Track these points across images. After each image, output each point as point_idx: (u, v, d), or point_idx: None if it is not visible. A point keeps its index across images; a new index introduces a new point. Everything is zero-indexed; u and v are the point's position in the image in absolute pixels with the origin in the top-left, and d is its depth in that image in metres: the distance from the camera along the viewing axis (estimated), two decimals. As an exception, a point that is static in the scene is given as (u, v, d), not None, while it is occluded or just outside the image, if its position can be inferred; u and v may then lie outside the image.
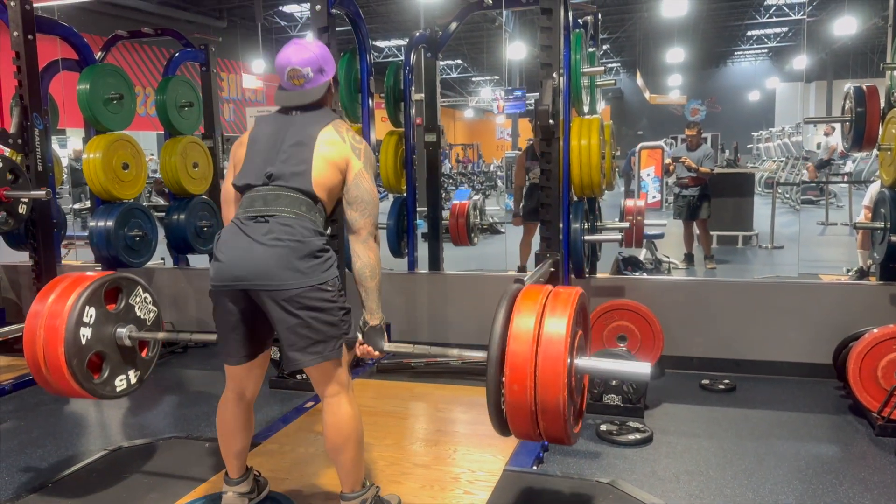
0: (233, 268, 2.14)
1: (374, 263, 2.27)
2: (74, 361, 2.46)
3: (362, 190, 2.25)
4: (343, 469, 2.26)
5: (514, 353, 2.04)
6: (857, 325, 3.73)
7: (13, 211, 4.11)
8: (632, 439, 3.23)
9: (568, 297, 2.15)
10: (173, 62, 5.40)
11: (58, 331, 2.47)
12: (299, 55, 2.27)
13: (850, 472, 2.92)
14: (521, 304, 2.14)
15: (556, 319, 2.07)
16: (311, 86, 2.29)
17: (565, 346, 2.02)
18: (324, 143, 2.23)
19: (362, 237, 2.26)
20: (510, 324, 2.09)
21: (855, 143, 4.28)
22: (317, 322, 2.12)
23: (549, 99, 3.28)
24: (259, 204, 2.19)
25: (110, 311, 2.63)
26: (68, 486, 2.83)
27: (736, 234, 9.01)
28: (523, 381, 2.01)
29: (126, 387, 2.66)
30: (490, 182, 17.74)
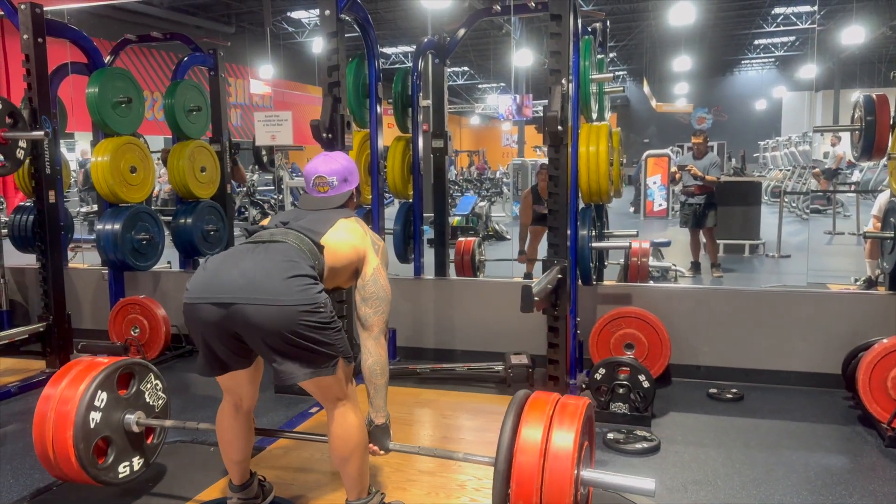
0: (216, 279, 2.06)
1: (384, 361, 2.28)
2: (81, 445, 2.45)
3: (379, 287, 2.27)
4: (349, 478, 2.25)
5: (521, 466, 2.01)
6: (866, 335, 3.71)
7: (11, 154, 4.06)
8: (639, 448, 3.21)
9: (575, 409, 2.12)
10: (182, 66, 5.41)
11: (68, 414, 2.47)
12: (327, 165, 2.39)
13: (859, 483, 2.89)
14: (528, 414, 2.10)
15: (564, 433, 2.03)
16: (335, 193, 2.38)
17: (572, 462, 1.99)
18: (344, 228, 2.28)
19: (374, 334, 2.26)
20: (518, 435, 2.06)
21: (864, 152, 4.26)
22: (312, 343, 2.03)
23: (558, 105, 3.26)
24: (265, 236, 2.19)
25: (121, 396, 2.64)
26: (73, 490, 2.82)
27: (743, 242, 8.97)
28: (529, 499, 1.97)
29: (128, 473, 2.63)
30: (496, 189, 17.72)
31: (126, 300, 4.71)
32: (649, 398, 3.54)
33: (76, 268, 5.72)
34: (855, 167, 15.10)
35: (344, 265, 2.24)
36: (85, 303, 5.33)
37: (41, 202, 4.33)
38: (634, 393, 3.53)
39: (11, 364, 4.48)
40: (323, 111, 3.83)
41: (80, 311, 5.21)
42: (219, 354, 2.17)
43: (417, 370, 4.23)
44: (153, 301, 4.69)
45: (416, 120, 4.90)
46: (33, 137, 4.12)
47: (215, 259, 2.14)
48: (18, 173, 5.35)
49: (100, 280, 5.21)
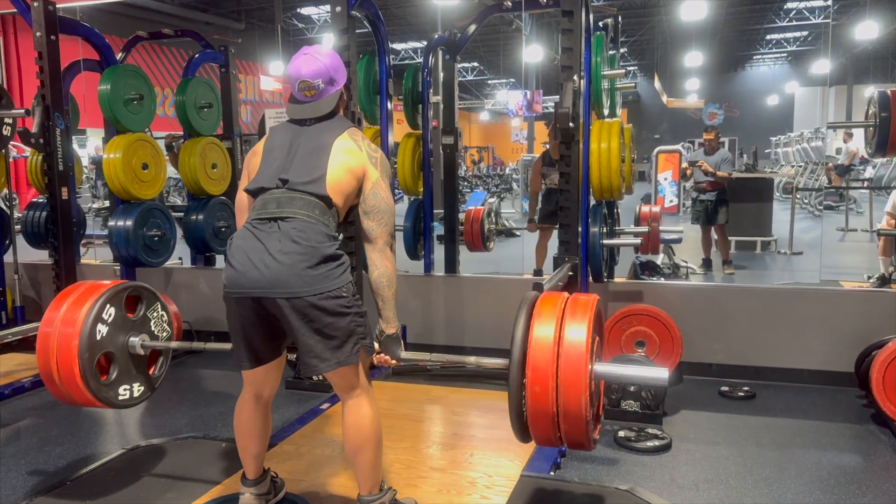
0: (246, 276, 2.11)
1: (391, 272, 2.26)
2: (86, 355, 2.44)
3: (379, 199, 2.25)
4: (361, 471, 2.25)
5: (535, 357, 2.04)
6: (880, 334, 3.68)
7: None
8: (650, 446, 3.20)
9: (586, 303, 2.16)
10: (193, 63, 5.42)
11: (76, 322, 2.47)
12: (309, 66, 2.24)
13: (873, 482, 2.87)
14: (540, 309, 2.14)
15: (577, 324, 2.08)
16: (323, 97, 2.29)
17: (587, 350, 2.03)
18: (340, 151, 2.23)
19: (378, 246, 2.26)
20: (531, 329, 2.08)
21: (879, 148, 4.21)
22: (332, 328, 2.10)
23: (570, 101, 3.25)
24: (272, 206, 2.17)
25: (128, 317, 2.64)
26: (86, 485, 2.84)
27: (755, 239, 8.92)
28: (545, 384, 2.01)
29: (128, 398, 2.62)
30: (506, 185, 17.70)
31: (138, 296, 4.72)
32: (661, 396, 3.52)
33: (88, 264, 5.75)
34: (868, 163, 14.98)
35: (349, 193, 2.24)
36: (97, 299, 5.35)
37: (54, 199, 4.34)
38: (646, 391, 3.51)
39: (24, 360, 4.51)
40: (334, 108, 3.83)
41: (92, 307, 5.23)
42: (255, 343, 2.23)
43: (427, 367, 4.22)
44: (165, 297, 4.69)
45: (426, 116, 4.88)
46: (13, 115, 4.01)
47: (238, 249, 2.16)
48: (31, 169, 5.40)
49: (112, 276, 5.23)
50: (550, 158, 6.26)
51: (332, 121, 2.30)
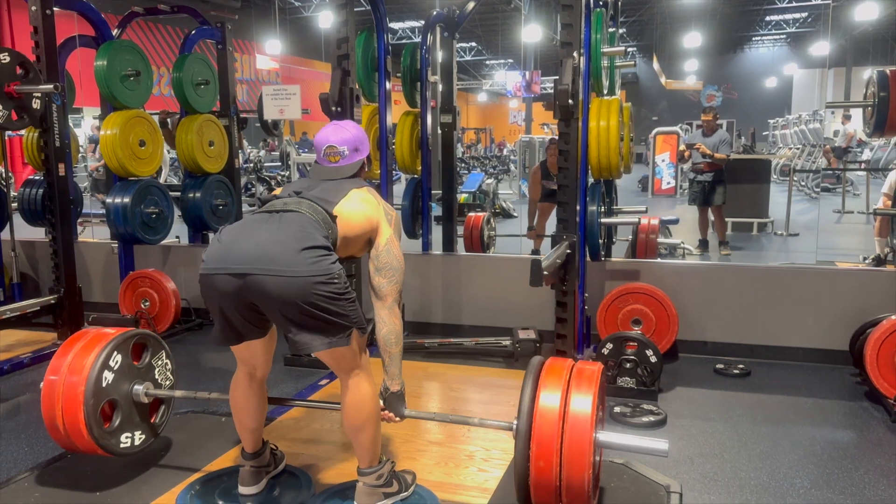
0: (233, 249, 2.06)
1: (399, 330, 2.29)
2: (91, 402, 2.46)
3: (392, 257, 2.27)
4: (361, 447, 2.27)
5: (541, 429, 2.05)
6: (874, 312, 3.71)
7: (27, 106, 4.03)
8: (646, 421, 3.23)
9: (592, 374, 2.17)
10: (189, 40, 5.39)
11: (83, 369, 2.50)
12: (337, 135, 2.37)
13: (865, 457, 2.91)
14: (546, 379, 2.14)
15: (582, 397, 2.09)
16: (347, 163, 2.37)
17: (591, 426, 2.03)
18: (357, 199, 2.27)
19: (388, 304, 2.26)
20: (536, 399, 2.10)
21: (877, 128, 4.21)
22: (326, 313, 2.05)
23: (569, 78, 3.24)
24: (278, 205, 2.18)
25: (134, 365, 2.67)
26: (87, 459, 2.84)
27: (751, 220, 8.95)
28: (549, 459, 2.02)
29: (129, 445, 2.63)
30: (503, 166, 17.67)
31: (136, 273, 4.74)
32: (656, 373, 3.55)
33: (86, 241, 5.75)
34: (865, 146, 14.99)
35: (357, 235, 2.24)
36: (95, 276, 5.37)
37: (50, 175, 4.34)
38: (642, 368, 3.55)
39: (23, 336, 4.52)
40: (332, 84, 3.82)
41: (90, 285, 5.25)
42: (235, 324, 2.18)
43: (426, 344, 4.25)
44: (163, 274, 4.72)
45: (424, 95, 4.87)
46: (44, 90, 4.06)
47: (230, 230, 2.14)
48: (28, 147, 5.38)
49: (109, 254, 5.23)
50: (548, 171, 6.29)
51: (352, 179, 2.37)
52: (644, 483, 2.59)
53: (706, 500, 2.57)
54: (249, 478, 2.42)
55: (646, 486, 2.58)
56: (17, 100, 3.97)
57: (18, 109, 4.00)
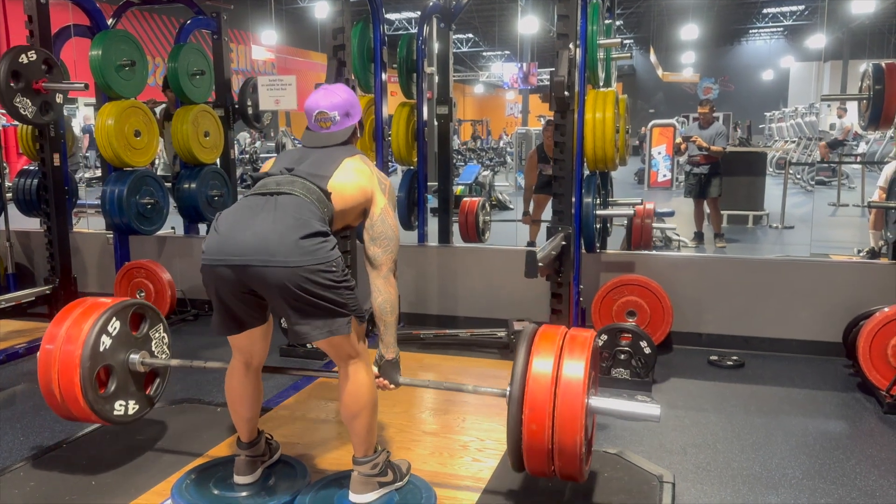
0: (232, 241, 2.05)
1: (394, 299, 2.29)
2: (88, 364, 2.46)
3: (387, 226, 2.27)
4: (357, 435, 2.28)
5: (534, 393, 2.06)
6: (868, 304, 3.73)
7: (52, 102, 4.21)
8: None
9: (584, 340, 2.17)
10: (185, 30, 5.36)
11: (80, 333, 2.50)
12: (328, 100, 2.32)
13: (857, 448, 2.93)
14: (539, 345, 2.16)
15: (574, 362, 2.10)
16: (338, 128, 2.34)
17: (583, 390, 2.05)
18: (350, 169, 2.25)
19: (383, 273, 2.27)
20: (529, 365, 2.11)
21: (872, 121, 4.23)
22: (325, 301, 2.06)
23: (565, 70, 3.24)
24: (271, 185, 2.17)
25: (132, 334, 2.67)
26: (82, 447, 2.87)
27: (747, 213, 8.96)
28: (542, 423, 2.04)
29: (122, 414, 2.61)
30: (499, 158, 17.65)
31: (132, 264, 4.73)
32: (650, 364, 3.57)
33: (81, 232, 5.74)
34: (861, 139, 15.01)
35: (352, 206, 2.24)
36: (90, 266, 5.36)
37: (45, 165, 4.33)
38: (636, 359, 3.56)
39: (19, 325, 4.52)
40: (328, 74, 3.81)
41: (85, 275, 5.24)
42: (236, 312, 2.20)
43: (421, 336, 4.26)
44: (159, 265, 4.72)
45: (420, 86, 4.86)
46: (73, 88, 4.29)
47: (226, 218, 2.13)
48: (22, 137, 5.36)
49: (105, 244, 5.23)
50: (545, 154, 6.27)
51: (344, 147, 2.35)
52: (637, 473, 2.60)
53: (699, 490, 2.59)
54: (245, 467, 2.43)
55: (639, 475, 2.59)
56: (44, 95, 4.14)
57: (45, 104, 4.16)
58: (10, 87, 3.96)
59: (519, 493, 2.49)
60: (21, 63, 4.01)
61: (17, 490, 2.54)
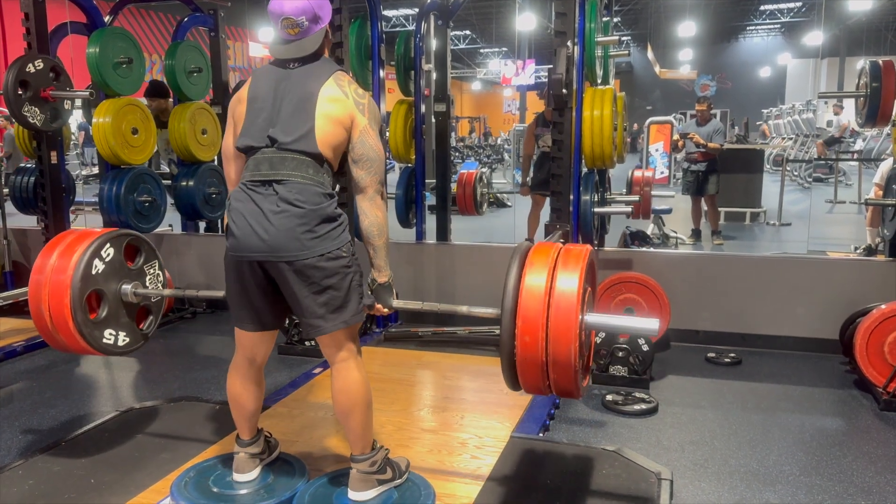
0: (248, 242, 2.14)
1: (382, 221, 2.25)
2: (79, 286, 2.42)
3: (367, 147, 2.21)
4: (352, 433, 2.28)
5: (526, 306, 2.03)
6: (865, 301, 3.74)
7: (60, 109, 4.33)
8: (637, 409, 3.26)
9: (579, 253, 2.14)
10: (182, 27, 5.35)
11: (73, 254, 2.46)
12: (292, 3, 2.16)
13: (854, 445, 2.94)
14: (533, 259, 2.12)
15: (568, 274, 2.06)
16: (307, 35, 2.21)
17: (577, 300, 2.02)
18: (326, 101, 2.17)
19: (369, 195, 2.23)
20: (522, 278, 2.08)
21: (868, 118, 4.24)
22: (334, 289, 2.13)
23: (563, 68, 3.25)
24: (265, 167, 2.16)
25: (126, 265, 2.63)
26: (80, 446, 2.87)
27: (744, 210, 8.97)
28: (535, 334, 2.01)
29: (112, 343, 2.56)
30: (497, 155, 17.63)
31: (129, 262, 4.72)
32: (648, 361, 3.58)
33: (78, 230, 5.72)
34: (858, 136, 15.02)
35: (339, 143, 2.21)
36: (88, 265, 5.34)
37: (42, 163, 4.32)
38: (633, 356, 3.57)
39: (16, 324, 4.51)
40: (326, 73, 3.80)
41: (83, 273, 5.23)
42: (257, 307, 2.26)
43: (419, 333, 4.26)
44: (156, 263, 4.70)
45: (418, 83, 4.86)
46: (80, 96, 4.41)
47: (238, 214, 2.16)
48: (19, 134, 5.35)
49: (102, 242, 5.21)
50: (545, 119, 6.19)
51: (316, 64, 2.23)
52: (635, 470, 2.61)
53: (696, 486, 2.60)
54: (244, 465, 2.43)
55: (637, 472, 2.60)
56: (53, 103, 4.25)
57: (53, 112, 4.26)
58: (19, 97, 4.01)
59: (518, 490, 2.50)
60: (28, 72, 4.07)
61: (16, 488, 2.53)
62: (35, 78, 4.10)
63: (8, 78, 3.98)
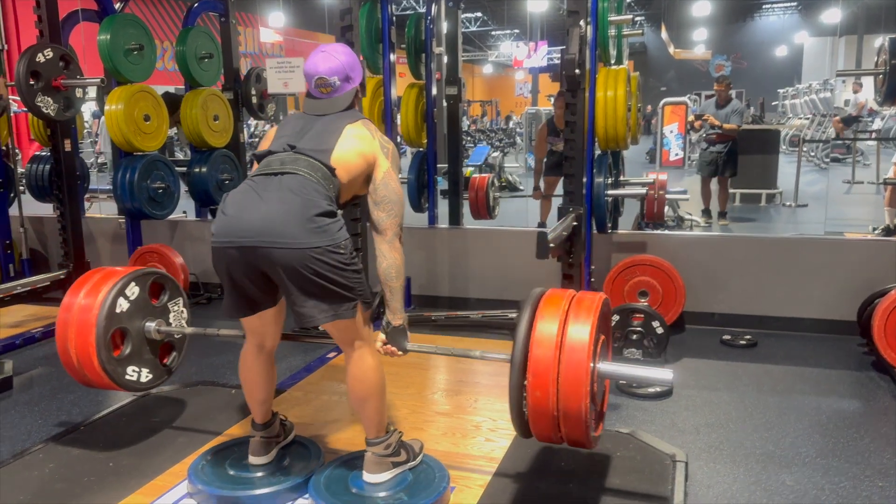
0: (239, 222, 2.06)
1: (400, 264, 2.26)
2: (104, 324, 2.49)
3: (390, 190, 2.24)
4: (367, 417, 2.29)
5: (536, 358, 2.01)
6: (882, 282, 3.70)
7: (72, 97, 4.33)
8: (651, 392, 3.24)
9: (591, 302, 2.10)
10: (192, 13, 5.34)
11: (98, 294, 2.52)
12: (326, 64, 2.27)
13: (871, 426, 2.92)
14: (544, 309, 2.10)
15: (580, 327, 2.02)
16: (339, 94, 2.30)
17: (588, 354, 1.99)
18: (351, 136, 2.23)
19: (388, 238, 2.24)
20: (533, 330, 2.05)
21: (888, 96, 4.15)
22: (332, 284, 2.06)
23: (576, 48, 3.20)
24: (276, 164, 2.16)
25: (151, 302, 2.69)
26: (99, 430, 2.91)
27: (760, 191, 8.88)
28: (546, 388, 1.98)
29: (135, 380, 2.63)
30: (509, 139, 17.54)
31: (144, 248, 4.76)
32: (663, 344, 3.57)
33: (93, 217, 5.77)
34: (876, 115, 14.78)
35: (355, 176, 2.22)
36: (103, 251, 5.40)
37: (57, 151, 4.35)
38: (648, 339, 3.56)
39: (34, 311, 4.56)
40: (336, 56, 3.78)
41: (98, 260, 5.28)
42: (248, 293, 2.20)
43: (432, 317, 4.27)
44: (171, 249, 4.74)
45: (429, 66, 4.83)
46: (92, 83, 4.40)
47: (233, 200, 2.13)
48: (33, 123, 5.38)
49: (117, 229, 5.26)
50: (555, 127, 6.22)
51: (346, 112, 2.32)
52: (650, 452, 2.61)
53: (711, 469, 2.59)
54: (260, 448, 2.45)
55: (652, 455, 2.60)
56: (65, 92, 4.24)
57: (66, 101, 4.26)
58: (31, 87, 4.03)
59: (532, 473, 2.50)
60: (39, 62, 4.07)
61: (37, 472, 2.58)
62: (46, 68, 4.11)
63: (19, 69, 3.98)
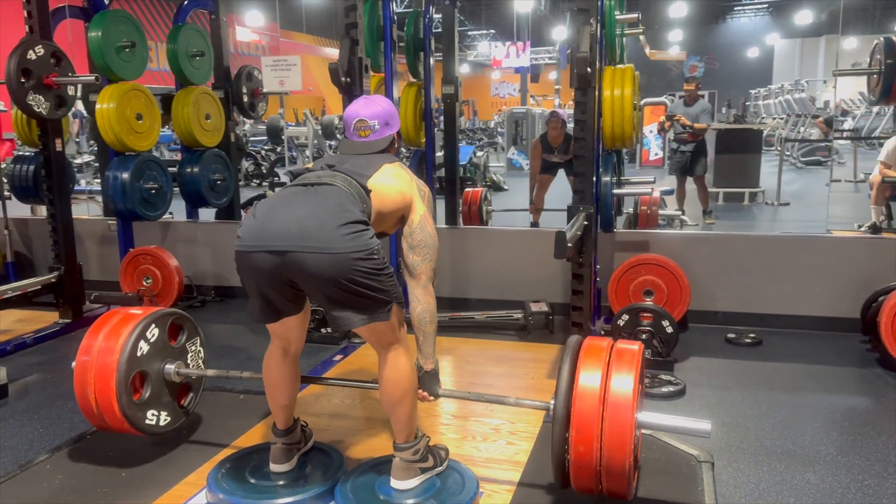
0: (271, 225, 2.01)
1: (433, 308, 2.25)
2: (125, 368, 2.45)
3: (426, 234, 2.24)
4: (399, 421, 2.24)
5: (580, 413, 1.99)
6: (885, 280, 3.74)
7: (64, 95, 4.21)
8: (665, 391, 3.24)
9: (632, 355, 2.10)
10: (182, 10, 5.22)
11: (119, 337, 2.49)
12: (368, 109, 2.31)
13: (886, 424, 2.93)
14: (585, 359, 2.09)
15: (623, 378, 2.02)
16: (377, 137, 2.32)
17: (632, 410, 1.97)
18: (389, 174, 2.23)
19: (422, 282, 2.23)
20: (575, 381, 2.04)
21: (883, 95, 4.21)
22: (368, 289, 2.01)
23: (587, 46, 3.18)
24: (312, 178, 2.14)
25: (169, 344, 2.65)
26: (106, 438, 2.79)
27: (742, 190, 8.98)
28: (590, 443, 1.97)
29: (154, 424, 2.59)
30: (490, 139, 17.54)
31: (137, 250, 4.63)
32: (672, 343, 3.56)
33: (80, 218, 5.61)
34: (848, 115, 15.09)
35: (391, 210, 2.20)
36: (92, 254, 5.25)
37: (47, 150, 4.22)
38: (657, 339, 3.55)
39: (25, 315, 4.43)
40: (340, 54, 3.73)
41: (87, 262, 5.11)
42: (273, 302, 2.14)
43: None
44: (165, 251, 4.63)
45: (427, 65, 4.78)
46: (84, 80, 4.26)
47: (265, 205, 2.08)
48: (18, 122, 5.22)
49: (106, 231, 5.13)
50: (549, 144, 6.25)
51: (384, 154, 2.33)
52: (674, 453, 2.60)
53: (735, 468, 2.58)
54: (281, 455, 2.39)
55: (676, 455, 2.59)
56: (56, 90, 4.11)
57: (58, 99, 4.14)
58: (22, 85, 3.89)
59: (558, 476, 2.47)
60: (30, 59, 3.94)
61: (46, 483, 2.48)
62: (37, 65, 3.98)
63: (10, 66, 3.84)
